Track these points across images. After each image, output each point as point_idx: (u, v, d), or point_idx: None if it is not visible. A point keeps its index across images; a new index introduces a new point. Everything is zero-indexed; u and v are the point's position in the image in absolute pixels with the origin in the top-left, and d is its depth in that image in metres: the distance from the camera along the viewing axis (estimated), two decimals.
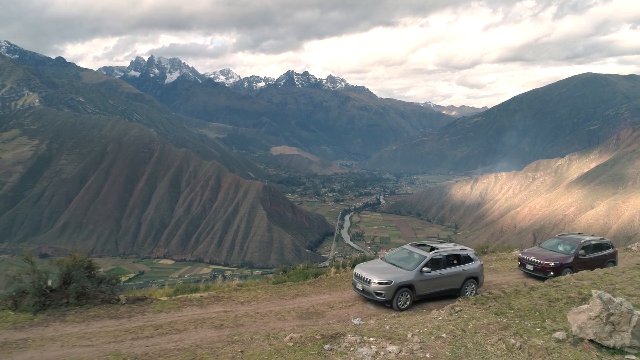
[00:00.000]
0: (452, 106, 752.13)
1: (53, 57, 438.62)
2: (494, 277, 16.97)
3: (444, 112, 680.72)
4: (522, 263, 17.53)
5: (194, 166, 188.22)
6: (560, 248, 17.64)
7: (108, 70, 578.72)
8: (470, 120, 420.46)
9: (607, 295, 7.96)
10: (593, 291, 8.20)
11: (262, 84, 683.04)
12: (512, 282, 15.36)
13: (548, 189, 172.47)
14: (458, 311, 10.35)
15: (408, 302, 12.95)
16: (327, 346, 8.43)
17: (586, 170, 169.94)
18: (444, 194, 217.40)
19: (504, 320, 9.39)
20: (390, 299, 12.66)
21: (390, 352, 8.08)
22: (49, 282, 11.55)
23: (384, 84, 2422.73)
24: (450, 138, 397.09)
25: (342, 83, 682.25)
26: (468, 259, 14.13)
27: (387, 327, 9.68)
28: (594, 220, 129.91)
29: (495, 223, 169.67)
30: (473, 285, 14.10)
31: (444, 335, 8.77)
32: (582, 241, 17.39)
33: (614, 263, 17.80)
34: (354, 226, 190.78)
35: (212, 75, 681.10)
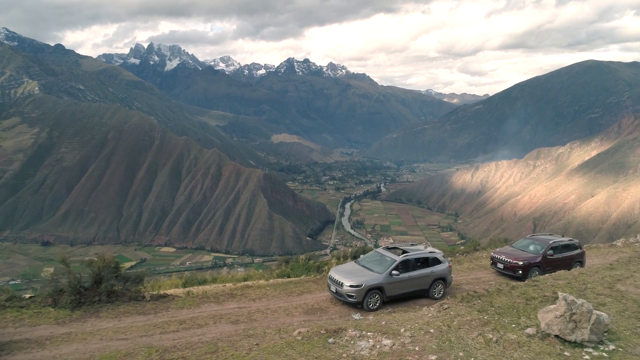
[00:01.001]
0: (454, 94, 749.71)
1: (52, 44, 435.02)
2: (482, 274, 18.25)
3: (445, 99, 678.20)
4: (494, 262, 18.10)
5: (195, 154, 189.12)
6: (531, 248, 18.26)
7: (107, 57, 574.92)
8: (472, 108, 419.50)
9: (571, 297, 9.32)
10: (559, 293, 9.55)
11: (262, 71, 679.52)
12: (498, 281, 16.75)
13: (549, 177, 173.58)
14: (446, 308, 11.70)
15: (378, 303, 13.84)
16: (331, 340, 9.79)
17: (587, 158, 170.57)
18: (444, 182, 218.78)
19: (485, 317, 10.74)
20: (361, 301, 13.60)
21: (385, 345, 9.45)
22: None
23: (385, 72, 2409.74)
24: (451, 126, 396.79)
25: (343, 70, 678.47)
26: (436, 261, 15.15)
27: (383, 323, 11.03)
28: (594, 209, 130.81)
29: (496, 211, 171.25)
30: (440, 286, 15.12)
31: (432, 330, 10.13)
32: (550, 242, 18.10)
33: (582, 263, 18.45)
34: (355, 214, 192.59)
35: (212, 63, 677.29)
